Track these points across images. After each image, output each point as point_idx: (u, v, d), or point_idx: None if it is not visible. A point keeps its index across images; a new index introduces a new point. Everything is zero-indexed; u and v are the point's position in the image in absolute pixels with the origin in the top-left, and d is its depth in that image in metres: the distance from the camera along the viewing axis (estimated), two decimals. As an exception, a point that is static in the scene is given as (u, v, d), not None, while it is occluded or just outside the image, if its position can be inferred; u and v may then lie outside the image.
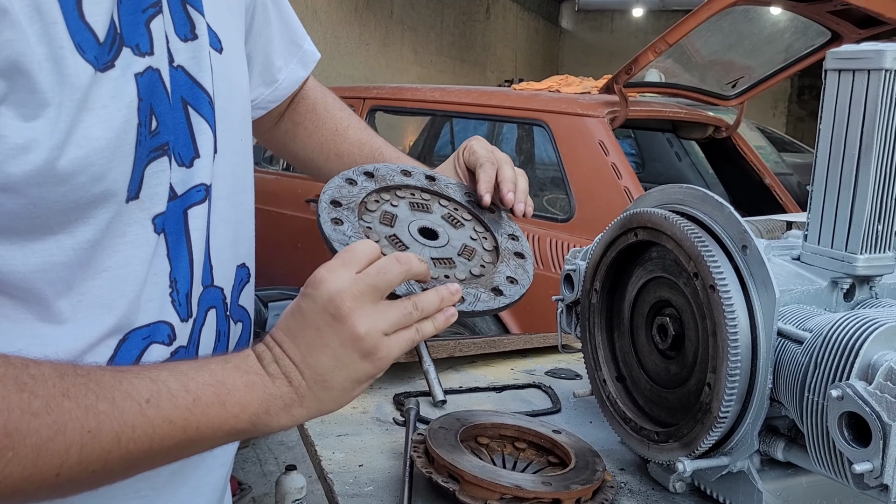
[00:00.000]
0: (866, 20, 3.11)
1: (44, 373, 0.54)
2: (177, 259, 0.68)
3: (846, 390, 0.67)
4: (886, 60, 0.79)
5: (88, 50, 0.56)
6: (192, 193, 0.68)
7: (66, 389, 0.54)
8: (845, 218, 0.85)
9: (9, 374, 0.52)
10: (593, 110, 3.06)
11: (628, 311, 0.98)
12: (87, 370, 0.56)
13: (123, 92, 0.59)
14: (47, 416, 0.52)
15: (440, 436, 0.90)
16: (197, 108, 0.68)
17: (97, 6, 0.57)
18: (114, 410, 0.54)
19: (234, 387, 0.60)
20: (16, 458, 0.51)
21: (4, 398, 0.51)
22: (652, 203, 0.94)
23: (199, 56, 0.69)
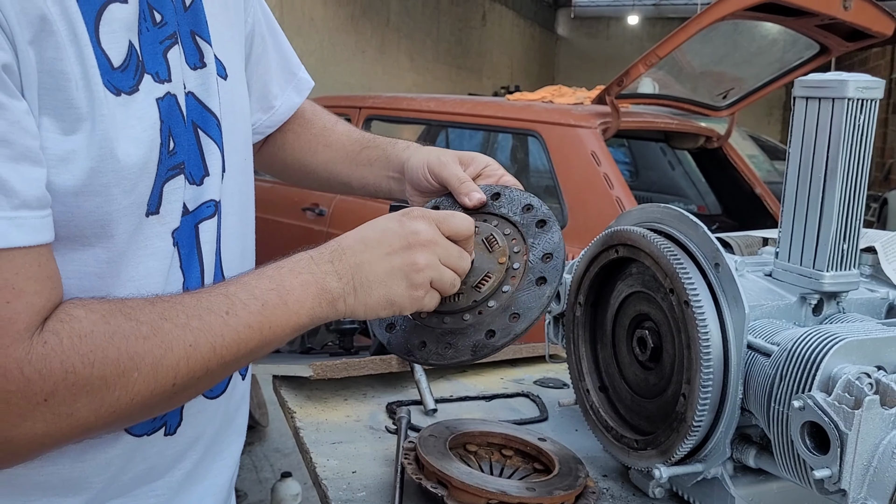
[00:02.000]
0: (853, 34, 3.17)
1: (138, 303, 0.62)
2: (189, 270, 0.74)
3: (807, 401, 0.72)
4: (849, 90, 0.84)
5: (104, 74, 0.62)
6: (202, 209, 0.75)
7: (162, 313, 0.62)
8: (813, 237, 0.89)
9: (114, 308, 0.61)
10: (586, 121, 3.11)
11: (610, 324, 1.03)
12: (168, 297, 0.65)
13: (148, 114, 0.66)
14: (155, 338, 0.61)
15: (430, 443, 0.95)
16: (206, 131, 0.75)
17: (111, 35, 0.63)
18: (203, 325, 0.63)
19: (291, 287, 0.69)
20: (140, 377, 0.60)
21: (119, 327, 0.59)
22: (632, 221, 0.99)
23: (207, 83, 0.75)
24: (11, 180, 0.55)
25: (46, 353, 0.56)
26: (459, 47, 14.00)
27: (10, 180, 0.55)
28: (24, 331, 0.56)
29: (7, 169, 0.55)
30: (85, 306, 0.60)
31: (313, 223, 3.80)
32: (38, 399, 0.56)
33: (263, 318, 0.67)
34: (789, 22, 3.10)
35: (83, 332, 0.58)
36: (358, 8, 10.26)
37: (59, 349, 0.57)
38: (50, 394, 0.56)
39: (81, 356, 0.57)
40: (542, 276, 0.84)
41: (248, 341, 0.66)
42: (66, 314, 0.59)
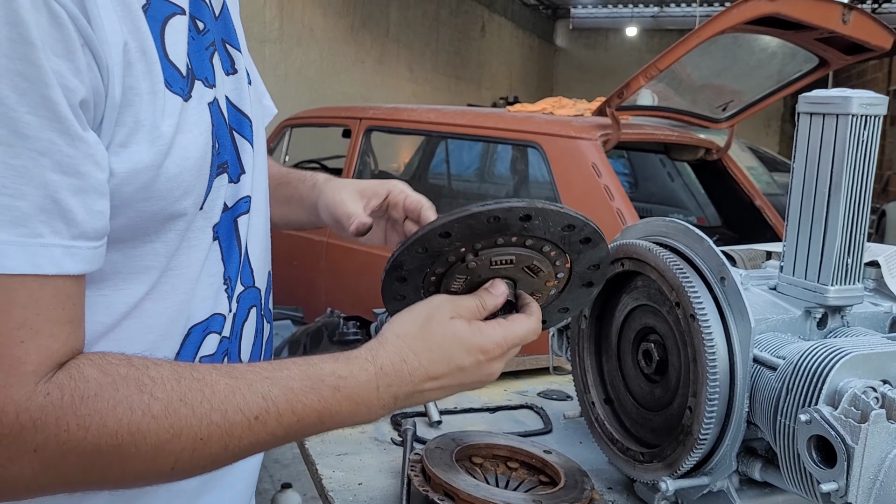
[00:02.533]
0: (852, 47, 3.19)
1: (163, 375, 0.60)
2: (229, 261, 0.76)
3: (814, 415, 0.72)
4: (853, 106, 0.85)
5: (175, 84, 0.65)
6: (240, 204, 0.77)
7: (184, 395, 0.60)
8: (817, 251, 0.90)
9: (131, 376, 0.59)
10: (586, 133, 3.12)
11: (616, 337, 1.03)
12: (202, 374, 0.62)
13: (202, 118, 0.68)
14: (165, 420, 0.59)
15: (436, 455, 0.95)
16: (240, 132, 0.77)
17: (176, 46, 0.66)
18: (225, 423, 0.61)
19: (340, 412, 0.68)
20: (138, 455, 0.58)
21: (127, 398, 0.58)
22: (638, 234, 1.00)
23: (239, 87, 0.78)
24: (76, 210, 0.56)
25: (45, 405, 0.55)
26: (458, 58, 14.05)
27: (74, 210, 0.56)
28: (31, 374, 0.55)
29: (75, 200, 0.56)
30: (100, 367, 0.59)
31: (312, 233, 3.80)
32: (28, 448, 0.56)
33: (292, 431, 0.66)
34: (788, 35, 3.12)
35: (87, 393, 0.57)
36: (358, 19, 10.31)
37: (59, 405, 0.56)
38: (40, 446, 0.56)
39: (78, 418, 0.56)
40: (588, 281, 0.85)
41: (268, 445, 0.66)
42: (77, 371, 0.58)
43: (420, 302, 0.77)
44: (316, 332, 2.84)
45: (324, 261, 3.73)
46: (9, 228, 0.53)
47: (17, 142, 0.53)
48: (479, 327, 0.75)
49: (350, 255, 3.53)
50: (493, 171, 4.21)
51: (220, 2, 0.77)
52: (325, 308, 3.31)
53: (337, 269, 3.67)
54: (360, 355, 0.71)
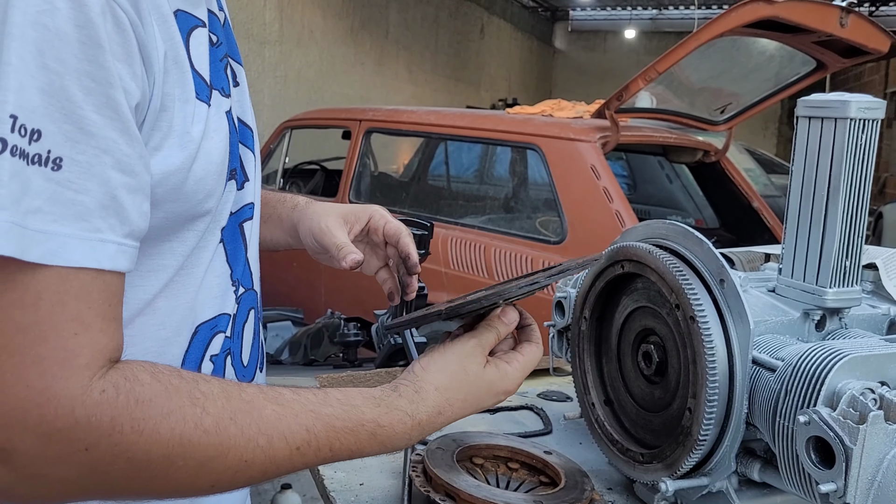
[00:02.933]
0: (850, 50, 3.21)
1: (213, 391, 0.60)
2: (236, 263, 0.78)
3: (813, 416, 0.73)
4: (851, 110, 0.85)
5: (201, 92, 0.67)
6: (244, 210, 0.80)
7: (233, 414, 0.60)
8: (816, 254, 0.91)
9: (182, 387, 0.59)
10: (585, 135, 3.13)
11: (615, 338, 1.04)
12: (250, 396, 0.63)
13: (221, 125, 0.70)
14: (215, 437, 0.59)
15: (437, 456, 0.96)
16: (244, 142, 0.80)
17: (199, 56, 0.68)
18: (270, 449, 0.62)
19: (368, 451, 0.70)
20: (185, 467, 0.58)
21: (181, 409, 0.58)
22: (638, 237, 1.00)
23: (242, 99, 0.82)
24: (129, 209, 0.58)
25: (100, 403, 0.55)
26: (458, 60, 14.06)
27: (128, 208, 0.58)
28: (84, 367, 0.55)
29: (129, 199, 0.58)
30: (153, 373, 0.59)
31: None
32: (80, 446, 0.54)
33: (325, 461, 0.69)
34: (786, 38, 3.13)
35: (142, 397, 0.57)
36: (357, 20, 10.31)
37: (114, 404, 0.55)
38: (92, 445, 0.55)
39: (133, 421, 0.56)
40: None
41: (296, 469, 0.67)
42: (132, 373, 0.58)
43: (452, 348, 0.78)
44: (316, 333, 2.84)
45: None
46: (73, 222, 0.54)
47: (83, 139, 0.54)
48: (506, 372, 0.79)
49: (349, 256, 3.53)
50: (493, 172, 4.22)
51: (223, 17, 0.80)
52: (325, 309, 3.32)
53: (336, 271, 3.66)
54: (400, 406, 0.72)
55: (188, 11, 0.68)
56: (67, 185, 0.54)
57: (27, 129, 0.52)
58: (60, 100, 0.53)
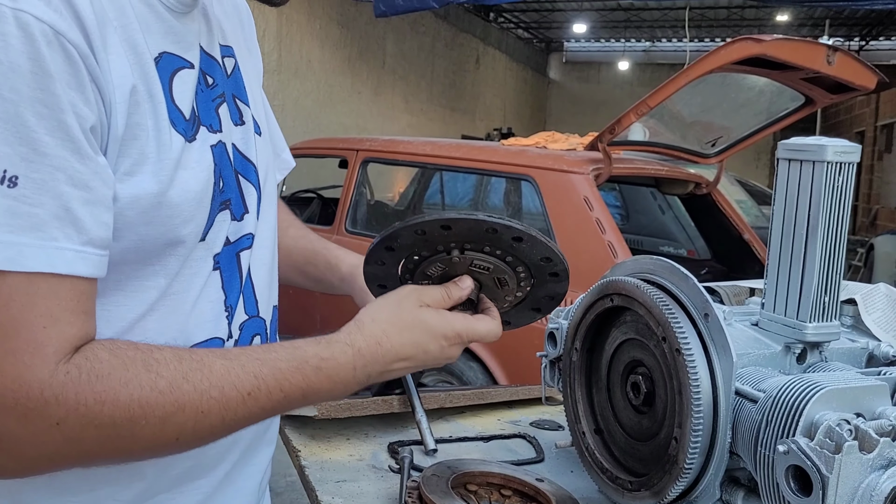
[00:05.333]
0: (837, 87, 3.28)
1: (166, 357, 0.68)
2: (230, 290, 0.84)
3: (791, 446, 0.77)
4: (828, 154, 0.90)
5: (178, 124, 0.75)
6: (242, 240, 0.86)
7: (186, 374, 0.68)
8: (796, 290, 0.95)
9: (138, 357, 0.67)
10: (578, 167, 3.19)
11: (605, 369, 1.08)
12: (200, 356, 0.70)
13: (204, 157, 0.78)
14: (170, 395, 0.67)
15: (433, 482, 0.99)
16: (246, 176, 0.86)
17: (182, 94, 0.76)
18: (222, 398, 0.69)
19: (320, 389, 0.76)
20: (147, 426, 0.66)
21: (137, 377, 0.66)
22: (626, 272, 1.04)
23: (247, 137, 0.88)
24: (85, 219, 0.64)
25: (65, 383, 0.62)
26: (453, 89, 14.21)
27: (83, 219, 0.64)
28: (52, 355, 0.62)
29: (84, 210, 0.64)
30: (110, 350, 0.66)
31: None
32: (52, 421, 0.62)
33: (280, 406, 0.75)
34: (775, 75, 3.21)
35: (101, 372, 0.64)
36: (355, 50, 10.44)
37: (77, 382, 0.63)
38: (62, 419, 0.62)
39: (95, 393, 0.63)
40: (538, 307, 0.93)
41: (259, 418, 0.74)
42: (92, 353, 0.65)
43: (391, 291, 0.86)
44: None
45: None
46: (29, 233, 0.61)
47: (37, 158, 0.61)
48: (445, 316, 0.83)
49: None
50: (487, 202, 4.28)
51: (232, 63, 0.88)
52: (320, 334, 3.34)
53: (331, 298, 3.70)
54: (339, 339, 0.79)
55: (175, 53, 0.76)
56: (23, 199, 0.60)
57: None
58: (16, 125, 0.60)
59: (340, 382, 0.78)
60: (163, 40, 0.75)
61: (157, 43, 0.74)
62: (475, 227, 0.84)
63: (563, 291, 0.93)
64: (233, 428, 0.73)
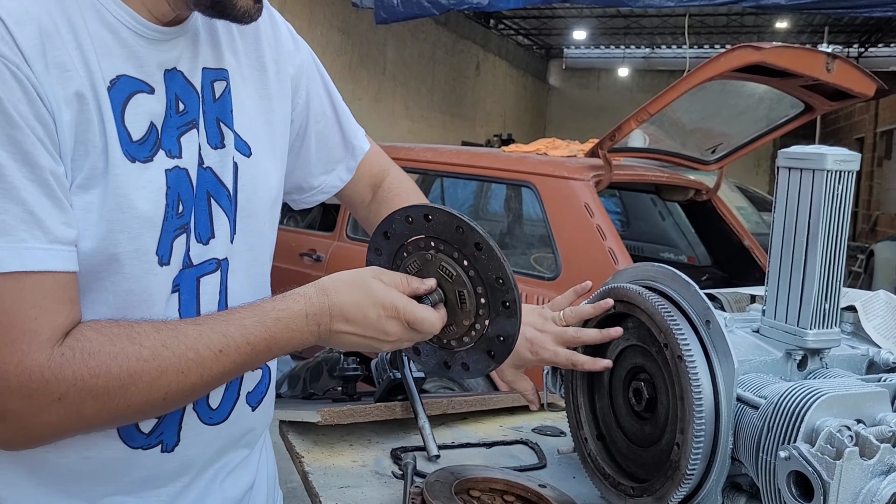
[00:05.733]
0: (836, 94, 3.30)
1: (145, 329, 0.77)
2: (186, 314, 0.87)
3: (793, 452, 0.77)
4: (828, 162, 0.91)
5: (124, 144, 0.79)
6: (205, 265, 0.88)
7: (164, 341, 0.76)
8: (797, 297, 0.96)
9: (121, 332, 0.75)
10: (579, 173, 3.20)
11: (607, 376, 1.08)
12: (175, 325, 0.79)
13: (155, 180, 0.82)
14: (154, 362, 0.75)
15: (436, 488, 0.99)
16: (217, 200, 0.89)
17: (135, 116, 0.80)
18: (197, 358, 0.77)
19: (281, 339, 0.82)
20: (137, 390, 0.75)
21: (123, 349, 0.74)
22: (628, 278, 1.05)
23: (223, 160, 0.90)
24: (48, 221, 0.72)
25: (62, 363, 0.71)
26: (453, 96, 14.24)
27: (46, 220, 0.72)
28: (46, 341, 0.71)
29: (47, 212, 0.72)
30: (97, 329, 0.75)
31: (310, 268, 3.85)
32: (54, 397, 0.71)
33: (250, 358, 0.81)
34: (775, 82, 3.22)
35: (92, 350, 0.73)
36: (355, 57, 10.47)
37: (72, 361, 0.72)
38: (63, 394, 0.71)
39: (89, 369, 0.72)
40: (491, 350, 0.90)
41: (233, 372, 0.82)
42: (81, 334, 0.74)
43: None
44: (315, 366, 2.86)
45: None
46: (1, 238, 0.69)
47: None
48: (389, 290, 0.86)
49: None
50: (488, 208, 4.29)
51: (223, 86, 0.91)
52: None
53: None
54: (295, 291, 0.85)
55: (135, 77, 0.81)
56: None
57: None
58: None
59: (297, 330, 0.83)
60: (123, 63, 0.80)
61: (114, 65, 0.79)
62: (448, 222, 0.87)
63: (513, 332, 0.88)
64: (211, 384, 0.80)
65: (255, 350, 0.81)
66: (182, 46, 0.86)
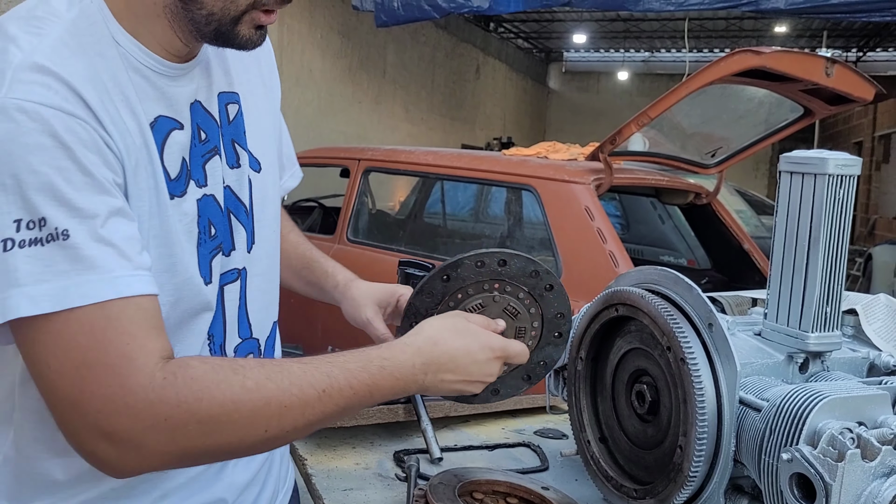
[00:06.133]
0: (835, 98, 3.30)
1: (249, 363, 0.80)
2: (216, 321, 0.92)
3: (795, 454, 0.78)
4: (829, 167, 0.92)
5: (168, 183, 0.84)
6: (227, 275, 0.94)
7: (269, 375, 0.78)
8: (798, 300, 0.97)
9: (225, 364, 0.79)
10: (580, 177, 3.21)
11: (610, 378, 1.09)
12: (280, 362, 0.83)
13: (190, 212, 0.87)
14: (257, 392, 0.77)
15: (440, 490, 1.00)
16: (236, 216, 0.94)
17: (172, 154, 0.85)
18: (301, 395, 0.79)
19: (384, 387, 0.85)
20: (240, 419, 0.76)
21: (226, 378, 0.76)
22: (631, 282, 1.06)
23: (241, 179, 0.96)
24: (127, 250, 0.76)
25: (164, 385, 0.73)
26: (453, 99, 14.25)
27: (126, 250, 0.76)
28: (143, 365, 0.73)
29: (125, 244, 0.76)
30: (200, 359, 0.79)
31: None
32: (160, 417, 0.73)
33: (350, 402, 0.83)
34: (774, 86, 3.23)
35: (196, 375, 0.75)
36: (356, 60, 10.48)
37: (174, 385, 0.74)
38: (168, 416, 0.73)
39: (193, 392, 0.74)
40: (529, 374, 1.02)
41: (333, 414, 0.83)
42: (184, 362, 0.76)
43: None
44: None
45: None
46: (91, 272, 0.72)
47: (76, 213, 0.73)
48: (489, 333, 0.94)
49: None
50: (488, 211, 4.29)
51: (236, 109, 0.96)
52: (322, 344, 3.35)
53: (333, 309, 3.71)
54: (400, 340, 0.90)
55: (169, 116, 0.85)
56: (77, 247, 0.72)
57: (35, 221, 0.71)
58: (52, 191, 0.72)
59: (402, 378, 0.86)
60: (156, 105, 0.84)
61: (152, 108, 0.83)
62: (524, 268, 0.97)
63: (557, 357, 1.03)
64: (312, 424, 0.81)
65: (358, 395, 0.83)
66: (199, 77, 0.90)
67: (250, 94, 0.99)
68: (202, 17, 0.82)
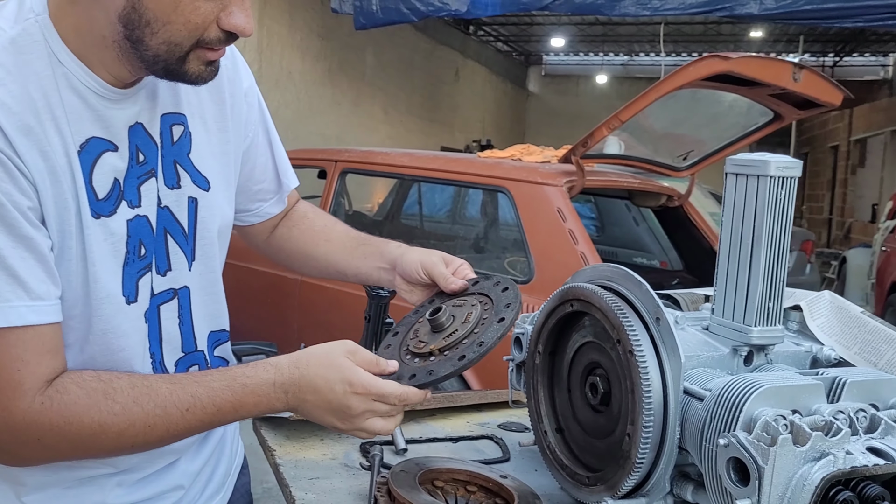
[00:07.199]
0: (804, 103, 3.39)
1: (122, 385, 0.88)
2: (152, 340, 0.98)
3: (731, 439, 0.82)
4: (771, 169, 0.97)
5: (91, 203, 0.88)
6: (162, 294, 0.98)
7: (136, 398, 0.87)
8: (743, 295, 1.01)
9: (99, 388, 0.86)
10: (552, 179, 3.26)
11: (566, 371, 1.13)
12: (150, 382, 0.89)
13: (118, 231, 0.91)
14: (123, 416, 0.86)
15: (401, 478, 1.04)
16: (173, 236, 0.99)
17: (101, 175, 0.89)
18: (165, 415, 0.88)
19: (246, 403, 0.92)
20: (107, 439, 0.86)
21: (97, 403, 0.85)
22: (586, 278, 1.10)
23: (180, 200, 0.99)
24: (31, 281, 0.82)
25: (41, 410, 0.83)
26: (432, 101, 14.29)
27: (29, 281, 0.82)
28: (28, 390, 0.83)
29: (29, 272, 0.82)
30: (77, 383, 0.86)
31: (286, 271, 3.87)
32: (34, 437, 0.84)
33: (214, 418, 0.91)
34: (743, 91, 3.30)
35: (69, 402, 0.84)
36: (335, 62, 10.49)
37: (50, 409, 0.84)
38: (42, 436, 0.84)
39: (64, 418, 0.84)
40: (501, 316, 1.04)
41: (198, 429, 0.92)
42: (63, 386, 0.85)
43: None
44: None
45: (296, 298, 3.80)
46: None
47: None
48: (357, 369, 0.94)
49: (322, 292, 3.61)
50: (464, 213, 4.34)
51: (181, 130, 0.99)
52: (297, 342, 3.37)
53: (309, 306, 3.74)
54: (267, 361, 0.94)
55: (102, 137, 0.88)
56: None
57: None
58: None
59: (263, 396, 0.91)
60: (91, 126, 0.87)
61: (85, 129, 0.87)
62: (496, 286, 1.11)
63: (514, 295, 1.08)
64: (178, 436, 0.91)
65: (222, 411, 0.90)
66: (143, 99, 0.93)
67: (199, 114, 1.01)
68: (150, 56, 0.85)
